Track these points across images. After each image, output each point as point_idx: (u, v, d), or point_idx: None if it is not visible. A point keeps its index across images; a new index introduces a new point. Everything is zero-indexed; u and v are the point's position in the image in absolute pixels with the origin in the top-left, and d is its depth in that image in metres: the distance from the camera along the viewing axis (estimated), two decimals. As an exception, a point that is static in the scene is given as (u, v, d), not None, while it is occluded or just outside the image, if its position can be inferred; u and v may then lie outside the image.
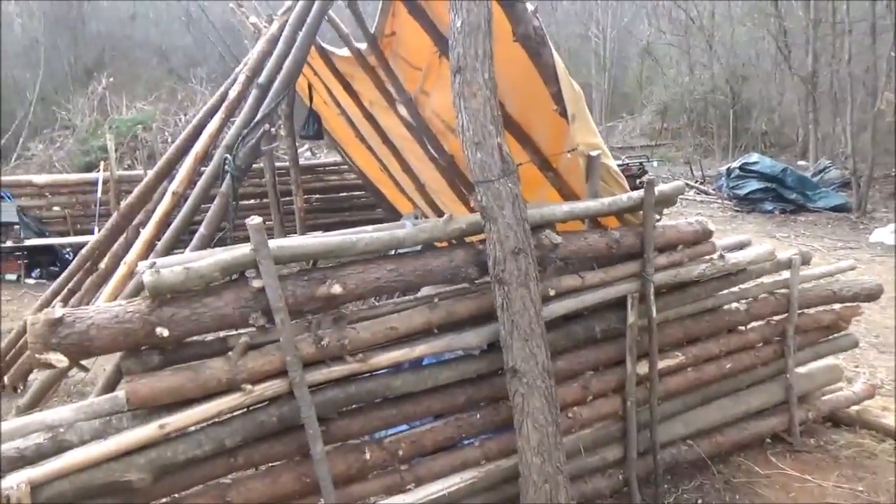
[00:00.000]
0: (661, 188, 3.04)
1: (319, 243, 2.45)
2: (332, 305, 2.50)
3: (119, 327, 2.20)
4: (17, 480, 2.04)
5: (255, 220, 2.32)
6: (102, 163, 10.03)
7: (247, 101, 3.35)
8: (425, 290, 2.96)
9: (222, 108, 3.96)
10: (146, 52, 23.09)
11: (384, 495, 2.73)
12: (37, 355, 2.13)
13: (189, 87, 19.22)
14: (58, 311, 2.17)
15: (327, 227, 10.82)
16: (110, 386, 2.61)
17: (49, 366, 2.18)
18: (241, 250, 2.33)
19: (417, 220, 7.20)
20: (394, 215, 8.96)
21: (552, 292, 2.82)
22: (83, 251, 4.75)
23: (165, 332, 2.23)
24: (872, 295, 3.89)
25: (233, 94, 3.94)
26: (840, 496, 3.28)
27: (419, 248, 2.91)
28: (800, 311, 3.69)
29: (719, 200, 13.05)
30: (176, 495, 2.39)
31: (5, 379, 5.04)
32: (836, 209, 11.44)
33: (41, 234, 9.11)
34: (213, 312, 2.30)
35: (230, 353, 2.37)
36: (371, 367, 2.57)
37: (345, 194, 10.49)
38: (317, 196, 10.27)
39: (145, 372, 2.29)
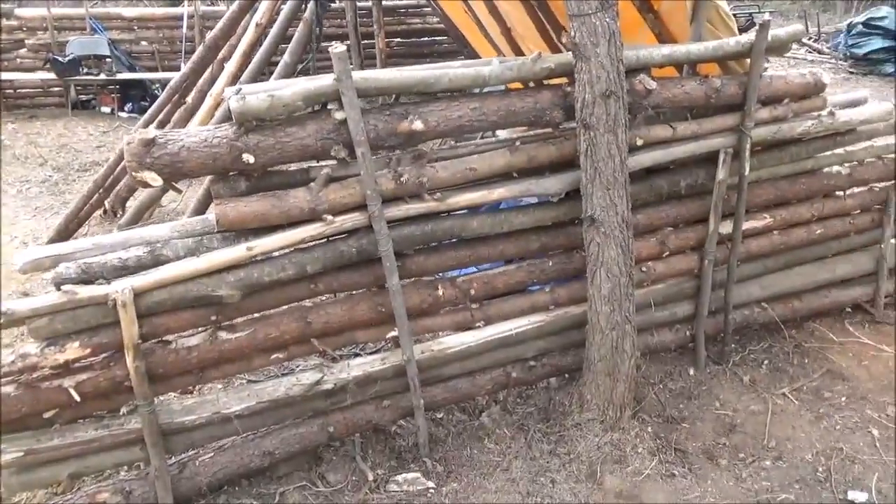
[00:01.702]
0: (775, 32, 2.76)
1: (403, 77, 2.38)
2: (413, 142, 2.48)
3: (208, 151, 2.27)
4: (122, 286, 2.23)
5: (338, 47, 2.26)
6: (186, -2, 9.98)
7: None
8: (502, 134, 2.88)
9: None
10: None
11: (454, 330, 2.85)
12: (133, 173, 2.24)
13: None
14: (151, 131, 2.25)
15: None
16: (201, 208, 2.74)
17: (145, 184, 2.29)
18: (325, 80, 2.30)
19: (507, 58, 6.90)
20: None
21: (640, 142, 2.70)
22: (171, 84, 4.85)
23: (251, 159, 2.28)
24: None
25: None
26: (917, 369, 3.21)
27: (503, 87, 2.80)
28: (908, 180, 3.43)
29: (833, 60, 11.88)
30: (263, 312, 2.57)
31: (106, 204, 5.40)
32: (971, 77, 10.24)
33: (132, 69, 9.34)
34: (296, 142, 2.33)
35: (312, 184, 2.42)
36: (449, 207, 2.59)
37: (426, 39, 10.14)
38: (398, 39, 9.98)
39: (233, 196, 2.38)
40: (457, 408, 3.05)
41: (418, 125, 2.40)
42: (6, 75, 9.06)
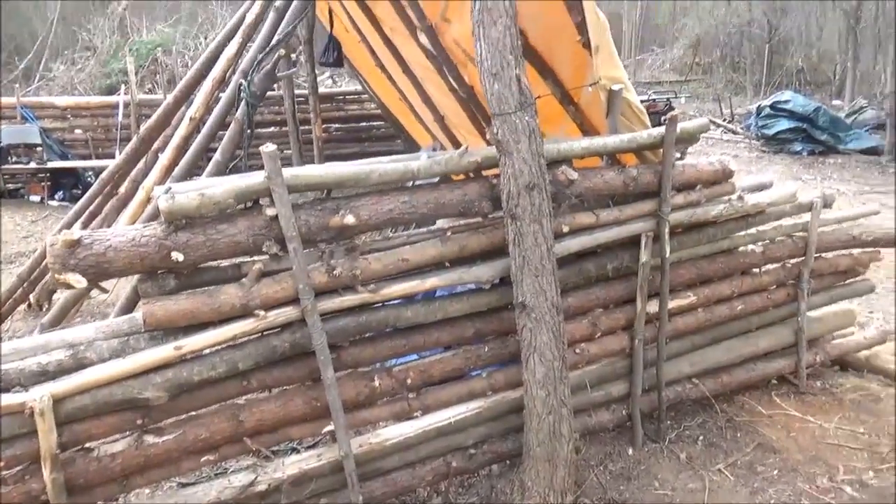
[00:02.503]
0: (683, 125, 2.97)
1: (333, 173, 2.44)
2: (344, 235, 2.52)
3: (135, 251, 2.24)
4: (40, 393, 2.13)
5: (269, 147, 2.31)
6: (123, 86, 10.00)
7: (264, 25, 3.28)
8: (441, 223, 2.96)
9: (239, 32, 3.89)
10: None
11: (392, 421, 2.82)
12: (56, 275, 2.19)
13: (210, 9, 18.88)
14: (76, 232, 2.21)
15: (346, 157, 10.74)
16: (128, 307, 2.68)
17: (68, 286, 2.24)
18: (256, 178, 2.34)
19: (435, 152, 7.14)
20: (413, 147, 8.89)
21: (566, 229, 2.81)
22: (103, 175, 4.80)
23: (180, 257, 2.27)
24: (893, 241, 3.83)
25: (250, 17, 3.87)
26: (840, 437, 3.33)
27: (436, 180, 2.90)
28: (817, 255, 3.66)
29: (747, 140, 12.74)
30: (192, 413, 2.49)
31: (31, 297, 5.20)
32: (867, 152, 11.15)
33: (64, 157, 9.20)
34: (227, 239, 2.33)
35: (244, 279, 2.41)
36: (382, 298, 2.61)
37: (365, 124, 10.40)
38: (336, 125, 10.20)
39: (162, 295, 2.35)
40: (397, 502, 2.97)
41: (350, 219, 2.45)
42: (-72, 165, 8.78)
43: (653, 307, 3.19)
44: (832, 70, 18.22)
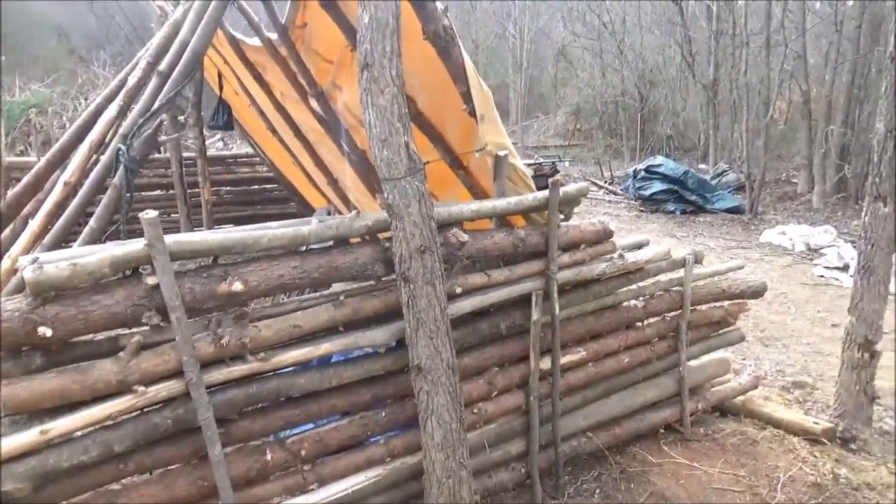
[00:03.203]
0: (566, 188, 3.13)
1: (219, 239, 2.37)
2: (233, 303, 2.43)
3: (-5, 328, 2.06)
4: None
5: (149, 213, 2.22)
6: (-11, 147, 9.34)
7: (147, 88, 3.19)
8: (336, 287, 2.91)
9: (121, 95, 3.75)
10: (44, 30, 21.64)
11: (286, 496, 2.69)
12: None
13: (91, 69, 18.20)
14: (-76, 309, 2.01)
15: (239, 220, 10.49)
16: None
17: (-86, 369, 2.01)
18: (134, 245, 2.22)
19: (330, 215, 7.09)
20: (307, 209, 8.81)
21: (458, 290, 2.85)
22: (-37, 243, 4.39)
23: (49, 332, 2.10)
24: (758, 292, 4.17)
25: (132, 80, 3.75)
26: (724, 481, 3.49)
27: (329, 244, 2.87)
28: (692, 308, 3.90)
29: (626, 200, 13.59)
30: (60, 504, 2.26)
31: None
32: (731, 210, 12.16)
33: (-83, 224, 8.37)
34: (102, 311, 2.18)
35: (121, 353, 2.26)
36: (273, 366, 2.52)
37: (256, 187, 10.21)
38: (227, 188, 9.96)
39: (26, 374, 2.15)
40: (292, 584, 2.80)
41: (238, 286, 2.37)
42: None
43: (546, 363, 3.27)
44: (696, 137, 19.92)
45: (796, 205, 12.52)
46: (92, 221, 2.55)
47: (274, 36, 4.46)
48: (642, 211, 12.60)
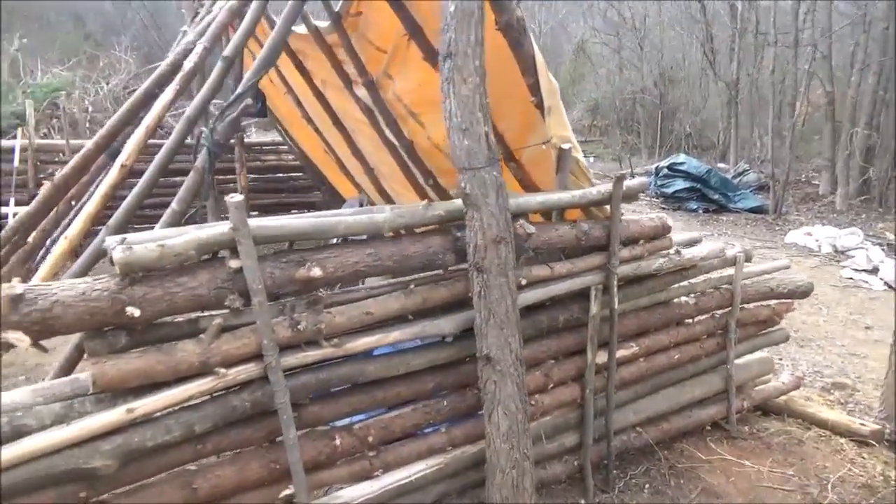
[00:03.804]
0: (627, 183, 3.13)
1: (299, 224, 2.38)
2: (308, 289, 2.45)
3: (86, 306, 2.08)
4: (-28, 467, 1.90)
5: (235, 197, 2.23)
6: (20, 130, 9.37)
7: (212, 73, 3.20)
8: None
9: (177, 79, 3.77)
10: (60, 14, 21.72)
11: (352, 481, 2.71)
12: (-5, 334, 1.98)
13: (112, 54, 18.22)
14: (18, 286, 2.03)
15: (264, 209, 10.49)
16: (69, 366, 2.45)
17: (9, 346, 2.03)
18: (219, 228, 2.24)
19: (362, 205, 7.12)
20: (334, 199, 8.82)
21: (523, 282, 2.86)
22: (11, 223, 4.43)
23: (137, 313, 2.12)
24: (805, 292, 4.16)
25: (189, 64, 3.76)
26: (774, 480, 3.50)
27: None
28: (740, 306, 3.90)
29: (648, 198, 13.53)
30: (140, 482, 2.29)
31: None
32: (754, 210, 12.09)
33: (-51, 204, 8.42)
34: (187, 293, 2.21)
35: (202, 335, 2.28)
36: (345, 352, 2.54)
37: (282, 175, 10.23)
38: (253, 176, 9.97)
39: (112, 353, 2.17)
40: (353, 568, 2.82)
41: (316, 272, 2.38)
42: None
43: (601, 358, 3.27)
44: (716, 136, 19.82)
45: (819, 206, 12.44)
46: (174, 204, 2.57)
47: (322, 24, 4.46)
48: (664, 208, 12.54)
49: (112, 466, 2.13)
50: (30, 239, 4.73)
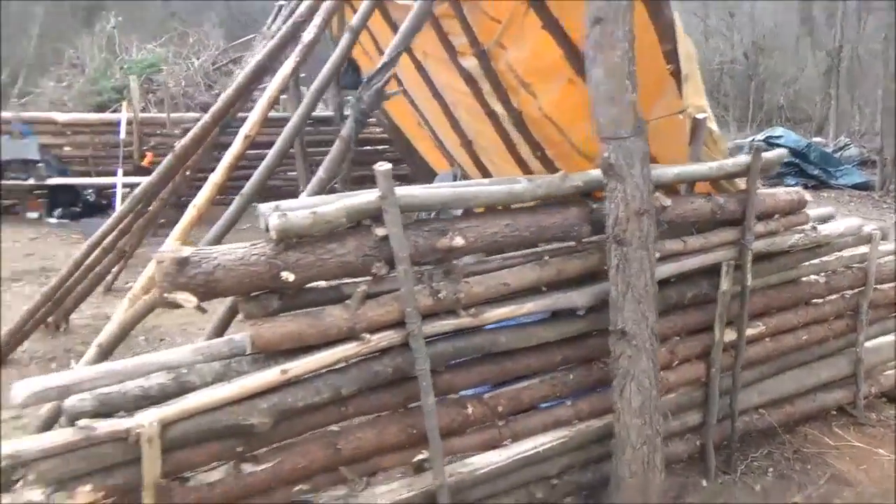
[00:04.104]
0: (765, 155, 2.99)
1: (443, 193, 2.39)
2: (449, 258, 2.46)
3: (244, 269, 2.15)
4: (148, 419, 2.01)
5: (383, 165, 2.26)
6: (125, 104, 9.82)
7: (340, 44, 3.22)
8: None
9: (297, 52, 3.83)
10: (148, -8, 22.48)
11: (481, 450, 2.73)
12: (164, 294, 2.08)
13: (199, 31, 18.78)
14: (185, 249, 2.12)
15: (354, 181, 10.64)
16: (222, 327, 2.56)
17: (176, 305, 2.13)
18: (368, 196, 2.27)
19: (456, 178, 7.08)
20: (422, 172, 8.85)
21: (657, 255, 2.78)
22: (135, 193, 4.65)
23: (291, 277, 2.18)
24: (945, 274, 3.89)
25: (308, 36, 3.82)
26: (909, 470, 3.32)
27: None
28: (874, 287, 3.69)
29: (739, 173, 12.98)
30: (289, 441, 2.37)
31: (50, 318, 5.01)
32: (857, 187, 11.44)
33: (63, 174, 8.96)
34: (336, 259, 2.25)
35: (347, 301, 2.33)
36: (481, 322, 2.54)
37: (369, 148, 10.34)
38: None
39: (265, 316, 2.25)
40: (478, 533, 2.87)
41: (458, 241, 2.39)
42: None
43: (728, 336, 3.17)
44: (811, 108, 18.76)
45: (930, 183, 11.63)
46: (320, 171, 2.63)
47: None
48: (762, 184, 12.01)
49: (267, 424, 2.21)
50: (150, 208, 4.97)
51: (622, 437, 2.71)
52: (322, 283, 2.37)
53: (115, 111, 11.66)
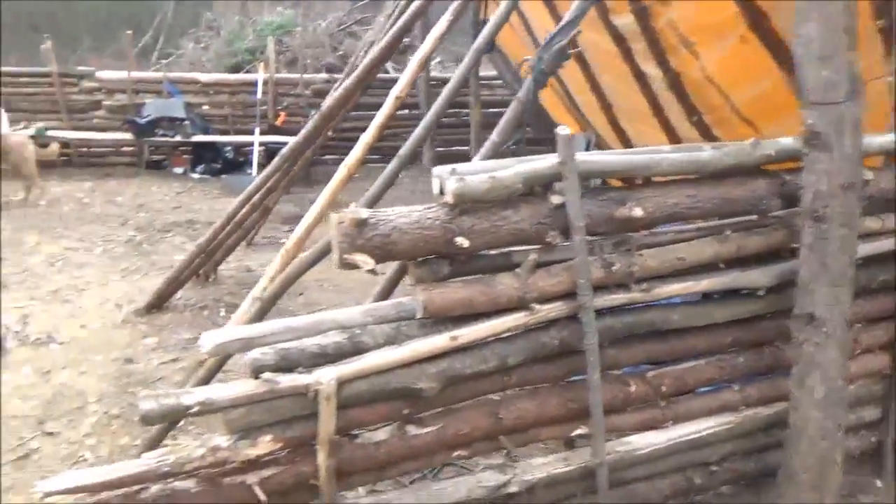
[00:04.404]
0: None
1: (623, 161, 2.26)
2: (625, 229, 2.33)
3: (420, 233, 2.12)
4: (327, 377, 2.05)
5: (564, 129, 2.14)
6: (261, 65, 10.20)
7: (500, 7, 3.11)
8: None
9: (449, 12, 3.75)
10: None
11: (640, 430, 2.63)
12: (343, 255, 2.09)
13: (329, -8, 19.14)
14: (363, 211, 2.11)
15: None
16: (390, 288, 2.59)
17: (353, 266, 2.14)
18: (546, 162, 2.18)
19: (589, 144, 6.80)
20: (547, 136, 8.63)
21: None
22: (283, 152, 4.79)
23: (466, 243, 2.13)
24: None
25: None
26: None
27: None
28: None
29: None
30: (451, 406, 2.37)
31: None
32: None
33: (206, 132, 9.46)
34: (510, 226, 2.18)
35: (517, 269, 2.26)
36: (653, 298, 2.41)
37: (493, 111, 10.20)
38: (466, 111, 10.05)
39: (435, 281, 2.23)
40: (631, 514, 2.78)
41: (637, 212, 2.25)
42: (83, 135, 9.23)
43: (920, 326, 2.86)
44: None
45: None
46: (494, 135, 2.56)
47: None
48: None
49: (435, 389, 2.20)
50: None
51: (798, 428, 2.51)
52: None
53: (247, 72, 12.16)
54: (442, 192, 2.16)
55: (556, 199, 2.19)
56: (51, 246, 6.19)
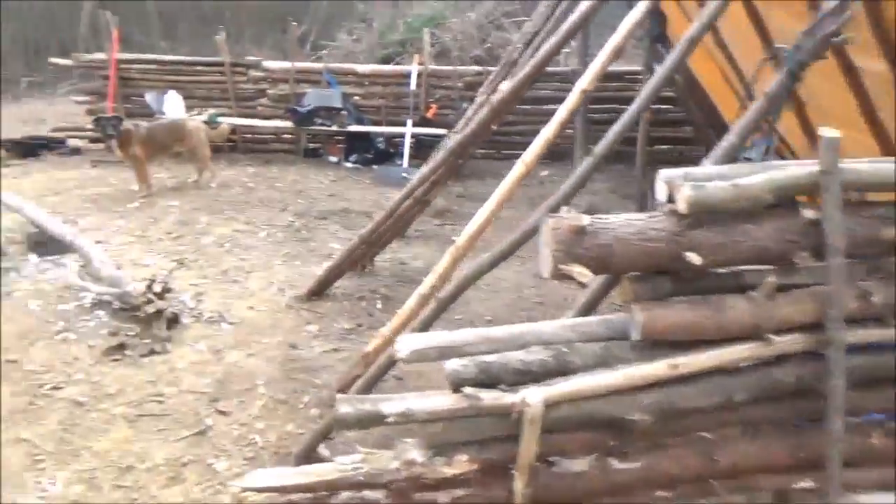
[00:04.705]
0: None
1: (892, 169, 1.88)
2: (889, 252, 1.96)
3: (642, 245, 1.88)
4: (534, 398, 1.86)
5: (828, 132, 1.81)
6: (416, 57, 10.26)
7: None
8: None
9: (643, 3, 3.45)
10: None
11: (875, 489, 2.23)
12: (559, 265, 1.89)
13: (474, -15, 19.13)
14: (584, 217, 1.90)
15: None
16: (594, 302, 2.38)
17: (568, 278, 1.94)
18: (800, 170, 1.86)
19: (769, 146, 6.17)
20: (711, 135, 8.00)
21: None
22: (451, 146, 4.69)
23: (697, 259, 1.86)
24: None
25: (662, -21, 3.40)
26: None
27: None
28: None
29: None
30: (657, 442, 2.11)
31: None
32: None
33: (360, 122, 9.64)
34: (751, 243, 1.89)
35: (751, 292, 1.95)
36: (918, 338, 2.01)
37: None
38: (605, 106, 9.54)
39: (653, 300, 1.97)
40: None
41: (910, 234, 1.87)
42: (249, 122, 9.71)
43: None
44: None
45: None
46: (731, 135, 2.28)
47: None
48: None
49: (647, 421, 1.96)
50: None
51: None
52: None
53: (397, 64, 12.34)
54: (670, 200, 1.91)
55: (810, 214, 1.87)
56: (221, 227, 6.51)
